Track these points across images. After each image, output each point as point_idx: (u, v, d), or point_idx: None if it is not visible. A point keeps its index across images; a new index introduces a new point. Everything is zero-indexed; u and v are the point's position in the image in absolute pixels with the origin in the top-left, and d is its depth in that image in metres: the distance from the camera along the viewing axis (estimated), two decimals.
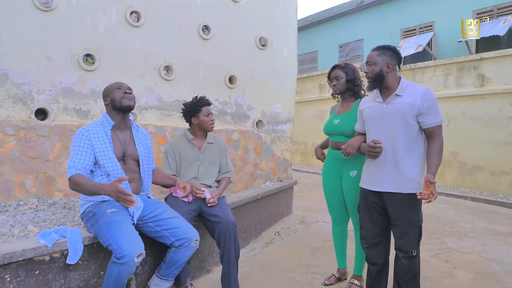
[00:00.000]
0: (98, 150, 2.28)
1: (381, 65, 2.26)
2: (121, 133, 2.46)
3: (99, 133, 2.32)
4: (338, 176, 2.80)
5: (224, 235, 2.63)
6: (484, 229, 4.68)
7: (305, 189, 7.37)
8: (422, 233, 2.31)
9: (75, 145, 2.25)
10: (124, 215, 2.20)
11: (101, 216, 2.15)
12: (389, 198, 2.26)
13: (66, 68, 3.41)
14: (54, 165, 3.37)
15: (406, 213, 2.21)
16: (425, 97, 2.18)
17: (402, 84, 2.28)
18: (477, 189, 7.34)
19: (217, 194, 2.82)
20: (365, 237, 2.43)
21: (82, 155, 2.23)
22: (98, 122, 2.40)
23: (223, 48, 4.46)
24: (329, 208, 2.97)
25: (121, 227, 2.08)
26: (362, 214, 2.45)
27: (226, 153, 3.10)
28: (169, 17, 4.01)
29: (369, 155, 2.27)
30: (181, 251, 2.31)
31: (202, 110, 2.91)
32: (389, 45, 2.36)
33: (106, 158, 2.28)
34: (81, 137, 2.27)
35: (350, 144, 2.41)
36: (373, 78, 2.28)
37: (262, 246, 3.84)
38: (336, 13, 12.78)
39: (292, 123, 5.29)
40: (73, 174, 2.15)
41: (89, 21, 3.53)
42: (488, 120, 7.22)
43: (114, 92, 2.40)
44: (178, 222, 2.35)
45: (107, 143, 2.32)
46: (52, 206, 3.23)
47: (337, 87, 2.79)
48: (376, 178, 2.30)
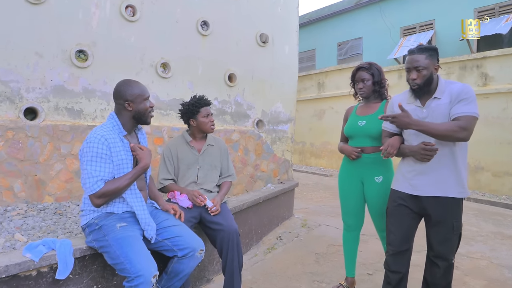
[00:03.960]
0: (116, 161, 2.06)
1: (431, 69, 2.10)
2: (131, 138, 2.24)
3: (115, 141, 2.08)
4: (359, 181, 2.65)
5: (226, 244, 2.46)
6: (491, 233, 4.55)
7: (305, 190, 7.21)
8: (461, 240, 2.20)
9: (95, 154, 1.98)
10: (135, 231, 2.02)
11: (110, 231, 1.97)
12: (431, 202, 2.12)
13: (57, 65, 3.22)
14: (44, 168, 3.18)
15: (450, 218, 2.10)
16: (460, 90, 2.04)
17: (441, 85, 2.13)
18: (480, 190, 7.22)
19: (219, 200, 2.65)
20: (393, 243, 2.27)
21: (106, 166, 2.01)
22: (109, 126, 2.12)
23: (222, 44, 4.28)
24: (343, 214, 2.81)
25: (134, 245, 1.91)
26: (392, 219, 2.29)
27: (227, 155, 2.93)
28: (166, 12, 3.83)
29: (423, 158, 2.09)
30: (184, 262, 2.13)
31: (201, 111, 2.72)
32: (430, 45, 2.19)
33: (124, 171, 2.08)
34: (101, 146, 2.00)
35: (391, 144, 2.19)
36: (423, 83, 2.10)
37: (264, 252, 3.68)
38: (335, 11, 12.61)
39: (293, 123, 5.12)
40: (103, 186, 1.97)
41: (82, 15, 3.34)
42: (491, 119, 7.09)
43: (141, 103, 2.16)
44: (181, 230, 2.18)
45: (125, 154, 2.11)
46: (42, 211, 3.04)
47: (364, 90, 2.64)
48: (418, 182, 2.15)
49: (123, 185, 2.01)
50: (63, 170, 3.26)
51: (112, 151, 2.03)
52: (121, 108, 2.16)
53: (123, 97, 2.13)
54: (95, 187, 1.94)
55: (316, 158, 11.16)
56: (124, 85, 2.17)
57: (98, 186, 1.94)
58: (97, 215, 2.06)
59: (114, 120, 2.15)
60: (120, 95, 2.15)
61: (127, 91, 2.14)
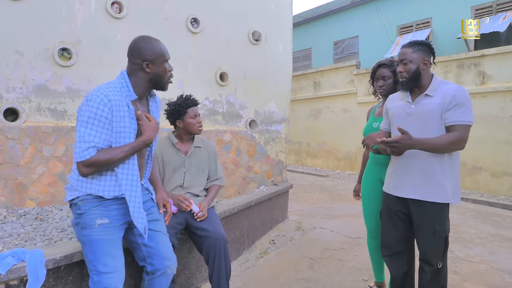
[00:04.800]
0: (117, 129, 1.74)
1: (418, 62, 2.07)
2: (140, 104, 1.91)
3: (121, 105, 1.74)
4: (379, 182, 2.57)
5: (213, 251, 2.34)
6: (490, 235, 4.44)
7: (300, 191, 7.09)
8: (448, 245, 2.13)
9: (93, 116, 1.67)
10: (116, 231, 1.78)
11: (88, 225, 1.73)
12: (413, 205, 2.09)
13: (39, 64, 3.09)
14: (25, 171, 3.05)
15: (430, 222, 2.04)
16: (455, 94, 1.98)
17: (434, 82, 2.08)
18: (478, 190, 7.12)
19: (206, 205, 2.52)
20: (386, 245, 2.27)
21: (103, 131, 1.69)
22: (116, 86, 1.79)
23: (213, 42, 4.15)
24: (365, 218, 2.72)
25: (108, 252, 1.72)
26: (384, 221, 2.30)
27: (216, 158, 2.80)
28: (154, 9, 3.69)
29: (393, 151, 2.05)
30: (156, 281, 1.95)
31: (188, 112, 2.59)
32: (423, 40, 2.17)
33: (125, 141, 1.76)
34: (102, 107, 1.68)
35: (371, 136, 2.20)
36: (410, 77, 2.08)
37: (256, 257, 3.55)
38: (331, 9, 12.49)
39: (287, 123, 5.00)
40: (94, 155, 1.66)
41: (66, 12, 3.21)
42: (489, 119, 6.99)
43: (162, 65, 1.86)
44: (162, 242, 1.97)
45: (129, 121, 1.77)
46: (23, 217, 2.92)
47: (384, 88, 2.54)
48: (401, 183, 2.13)
49: (116, 158, 1.70)
50: (46, 173, 3.12)
51: (114, 116, 1.72)
52: (136, 68, 1.83)
53: (142, 56, 1.80)
54: (85, 154, 1.65)
55: (312, 158, 11.04)
56: (143, 41, 1.84)
57: (89, 154, 1.66)
58: (83, 196, 1.77)
59: (125, 80, 1.82)
60: (138, 54, 1.81)
61: (147, 49, 1.81)
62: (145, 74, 1.83)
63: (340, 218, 5.07)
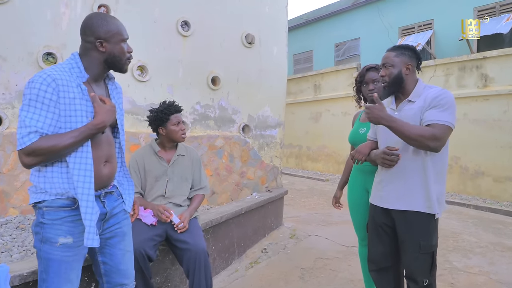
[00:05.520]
0: (67, 112, 1.53)
1: (400, 66, 1.99)
2: (97, 87, 1.69)
3: (69, 86, 1.54)
4: (364, 191, 2.48)
5: (193, 265, 2.24)
6: (490, 243, 4.30)
7: (298, 196, 6.97)
8: (436, 261, 1.99)
9: (35, 98, 1.46)
10: (78, 251, 1.59)
11: (48, 241, 1.53)
12: (397, 217, 1.99)
13: (22, 69, 3.03)
14: (8, 179, 2.98)
15: (415, 235, 1.92)
16: (436, 96, 1.88)
17: (418, 88, 2.00)
18: (480, 196, 6.95)
19: (187, 216, 2.42)
20: (373, 260, 2.15)
21: (48, 114, 1.48)
22: (65, 67, 1.58)
23: (205, 45, 4.06)
24: (354, 226, 2.64)
25: (65, 275, 1.55)
26: (370, 234, 2.19)
27: (200, 166, 2.70)
28: (143, 12, 3.62)
29: (383, 163, 1.97)
30: None
31: (170, 119, 2.49)
32: (408, 44, 2.09)
33: (77, 125, 1.54)
34: (45, 87, 1.47)
35: (359, 150, 2.11)
36: (391, 82, 2.00)
37: (245, 267, 3.44)
38: (332, 11, 12.38)
39: (282, 128, 4.89)
40: (36, 140, 1.44)
41: (50, 16, 3.15)
42: (491, 122, 6.83)
43: (118, 44, 1.65)
44: (125, 261, 1.79)
45: (81, 103, 1.56)
46: (4, 226, 2.84)
47: (375, 91, 2.42)
48: (386, 193, 2.03)
49: (63, 145, 1.47)
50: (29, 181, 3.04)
51: (61, 97, 1.50)
52: (89, 47, 1.63)
53: (94, 33, 1.61)
54: (25, 141, 1.43)
55: (312, 162, 10.91)
56: (96, 18, 1.64)
57: (30, 140, 1.43)
58: (48, 201, 1.54)
59: (75, 61, 1.61)
60: (91, 31, 1.61)
61: (101, 26, 1.61)
62: (99, 54, 1.64)
63: (337, 225, 4.95)
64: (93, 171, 1.57)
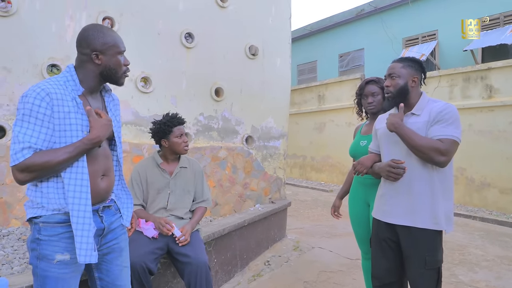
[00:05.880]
0: (61, 126, 1.50)
1: (406, 78, 2.00)
2: (93, 100, 1.67)
3: (65, 100, 1.52)
4: (365, 204, 2.46)
5: (194, 279, 2.21)
6: (497, 257, 4.23)
7: (302, 207, 6.92)
8: (441, 276, 1.95)
9: (29, 112, 1.43)
10: (76, 268, 1.56)
11: (45, 258, 1.50)
12: (402, 232, 1.95)
13: (27, 80, 3.04)
14: (11, 190, 2.98)
15: (421, 251, 1.89)
16: (441, 110, 1.89)
17: (422, 101, 1.99)
18: (486, 207, 6.87)
19: (189, 229, 2.40)
20: (376, 276, 2.11)
21: (42, 129, 1.45)
22: (60, 80, 1.56)
23: (208, 57, 4.08)
24: (357, 240, 2.62)
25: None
26: (374, 249, 2.15)
27: (203, 178, 2.68)
28: (147, 24, 3.65)
29: (388, 176, 1.95)
30: None
31: (173, 131, 2.49)
32: (414, 58, 2.09)
33: (72, 140, 1.51)
34: (39, 102, 1.44)
35: (361, 162, 2.11)
36: (396, 93, 2.00)
37: (248, 280, 3.40)
38: (336, 22, 12.43)
39: (285, 139, 4.88)
40: (30, 156, 1.42)
41: (55, 28, 3.18)
42: (497, 133, 6.78)
43: (114, 57, 1.63)
44: (120, 274, 1.74)
45: (77, 117, 1.54)
46: (6, 237, 2.83)
47: (374, 104, 2.47)
48: (390, 208, 1.99)
49: (57, 160, 1.45)
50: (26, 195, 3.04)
51: (55, 111, 1.48)
52: (85, 60, 1.60)
53: (90, 45, 1.58)
54: (19, 157, 1.40)
55: (317, 172, 10.87)
56: (93, 30, 1.62)
57: (23, 156, 1.41)
58: (45, 216, 1.51)
59: (70, 74, 1.58)
60: (86, 43, 1.58)
61: (97, 38, 1.58)
62: (95, 67, 1.61)
63: (341, 237, 4.90)
64: (89, 186, 1.54)
